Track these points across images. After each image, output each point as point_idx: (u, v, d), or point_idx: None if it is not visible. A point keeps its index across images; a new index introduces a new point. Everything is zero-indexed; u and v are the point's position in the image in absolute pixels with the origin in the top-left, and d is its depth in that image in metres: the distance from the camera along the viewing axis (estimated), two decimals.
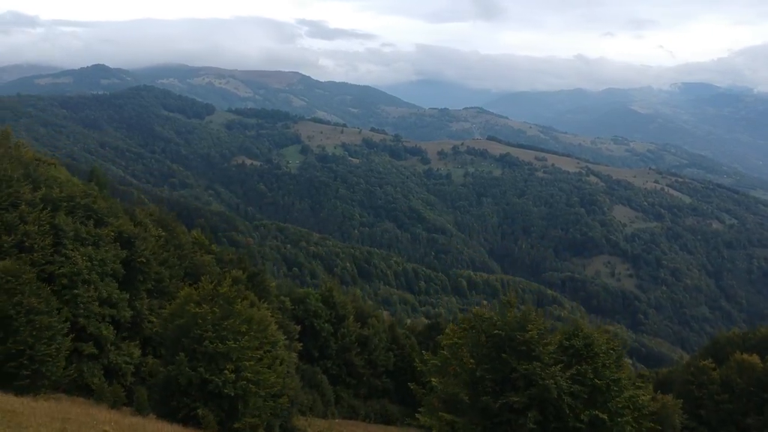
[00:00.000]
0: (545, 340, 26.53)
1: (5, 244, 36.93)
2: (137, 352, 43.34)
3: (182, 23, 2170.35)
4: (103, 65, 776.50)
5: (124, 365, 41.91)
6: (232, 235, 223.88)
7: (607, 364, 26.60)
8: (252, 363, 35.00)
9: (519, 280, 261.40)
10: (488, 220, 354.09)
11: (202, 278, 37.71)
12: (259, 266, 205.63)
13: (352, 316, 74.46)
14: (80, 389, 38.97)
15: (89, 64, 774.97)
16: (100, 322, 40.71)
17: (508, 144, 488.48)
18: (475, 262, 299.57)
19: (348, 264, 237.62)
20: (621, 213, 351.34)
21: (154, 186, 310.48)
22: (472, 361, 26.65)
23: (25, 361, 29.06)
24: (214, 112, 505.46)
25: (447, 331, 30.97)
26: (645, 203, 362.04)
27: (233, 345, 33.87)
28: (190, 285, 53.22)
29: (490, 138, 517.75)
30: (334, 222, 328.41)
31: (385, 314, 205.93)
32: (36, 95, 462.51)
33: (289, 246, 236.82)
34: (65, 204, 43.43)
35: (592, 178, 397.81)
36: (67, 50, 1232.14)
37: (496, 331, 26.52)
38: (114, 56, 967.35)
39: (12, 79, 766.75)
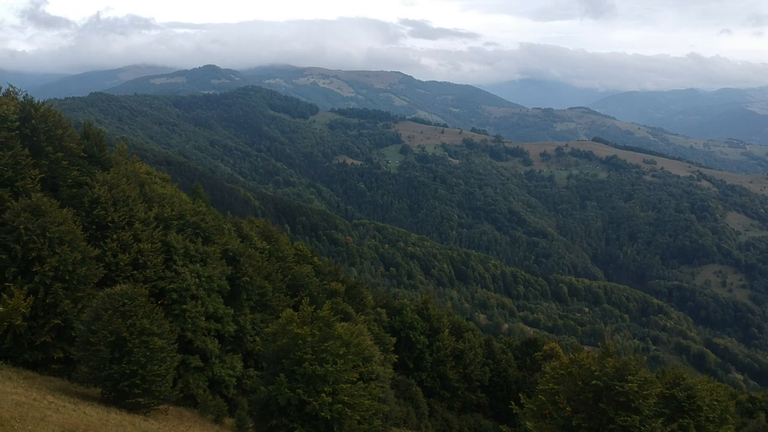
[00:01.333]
0: (645, 391, 25.53)
1: (121, 262, 39.25)
2: (240, 365, 45.06)
3: (289, 25, 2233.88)
4: (214, 66, 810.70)
5: (227, 377, 43.71)
6: (331, 234, 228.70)
7: (711, 418, 25.46)
8: (348, 386, 35.60)
9: (623, 288, 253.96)
10: (592, 224, 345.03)
11: (303, 300, 38.60)
12: (357, 266, 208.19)
13: (447, 330, 74.47)
14: (186, 399, 40.93)
15: (201, 65, 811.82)
16: (206, 336, 42.59)
17: (615, 146, 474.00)
18: (577, 268, 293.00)
19: (445, 265, 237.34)
20: (735, 220, 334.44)
21: (259, 183, 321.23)
22: (568, 408, 26.10)
23: (138, 381, 30.83)
24: (317, 112, 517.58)
25: (546, 368, 30.42)
26: (762, 210, 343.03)
27: (331, 368, 34.56)
28: (291, 297, 54.92)
29: (596, 139, 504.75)
30: (431, 222, 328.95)
31: (482, 317, 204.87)
32: (151, 95, 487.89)
33: (387, 245, 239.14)
34: (176, 222, 45.63)
35: (704, 183, 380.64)
36: (180, 51, 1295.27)
37: (594, 382, 25.85)
38: (224, 57, 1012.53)
39: (129, 78, 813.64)
